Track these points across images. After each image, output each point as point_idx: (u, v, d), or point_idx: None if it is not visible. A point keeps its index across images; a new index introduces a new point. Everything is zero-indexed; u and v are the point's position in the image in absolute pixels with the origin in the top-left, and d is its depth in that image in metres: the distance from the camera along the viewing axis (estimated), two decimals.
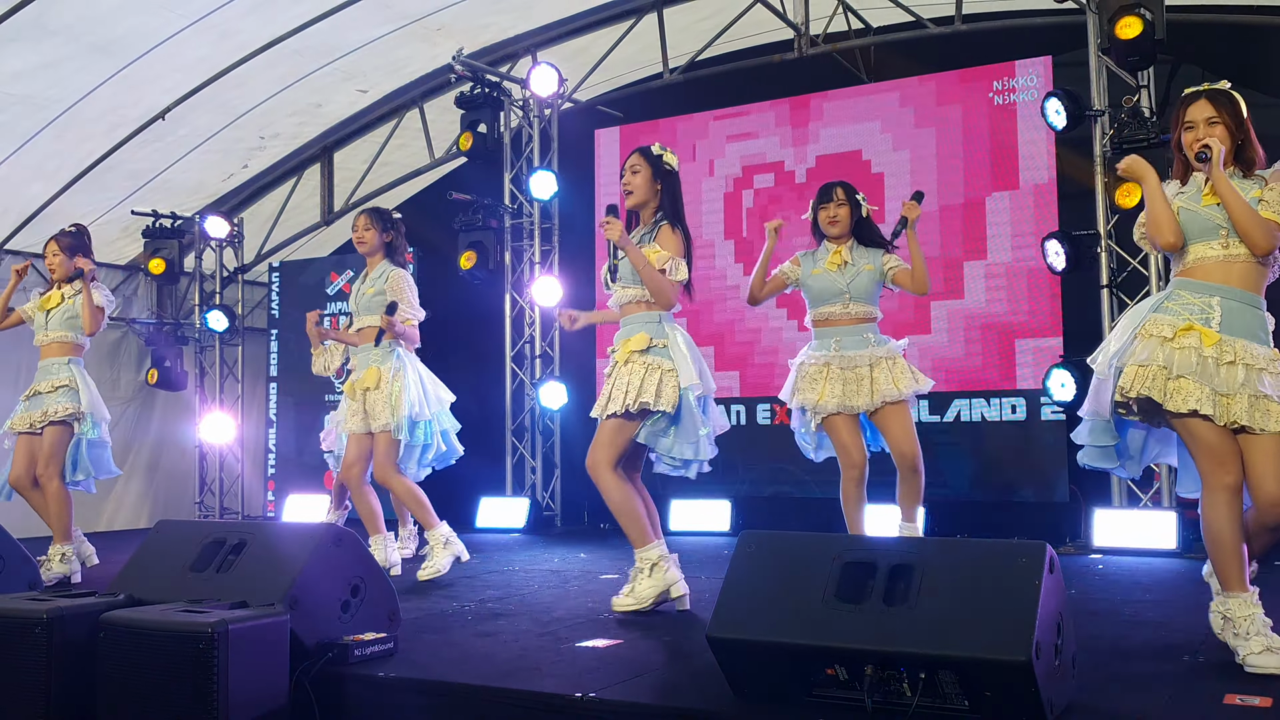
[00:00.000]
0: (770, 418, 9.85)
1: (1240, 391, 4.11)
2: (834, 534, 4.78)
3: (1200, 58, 8.74)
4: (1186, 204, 4.37)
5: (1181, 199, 4.39)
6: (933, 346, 9.10)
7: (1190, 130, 4.39)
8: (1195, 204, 4.35)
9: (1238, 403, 4.11)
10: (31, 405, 7.39)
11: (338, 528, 4.76)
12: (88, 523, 10.77)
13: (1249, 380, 4.12)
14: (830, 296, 6.15)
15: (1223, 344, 4.18)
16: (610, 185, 10.73)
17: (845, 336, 6.12)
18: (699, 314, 10.10)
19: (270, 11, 9.11)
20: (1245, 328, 4.23)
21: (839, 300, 6.12)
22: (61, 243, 7.58)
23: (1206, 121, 4.37)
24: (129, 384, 11.88)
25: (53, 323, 7.49)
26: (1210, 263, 4.30)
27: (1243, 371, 4.13)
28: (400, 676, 4.32)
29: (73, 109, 9.42)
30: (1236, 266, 4.27)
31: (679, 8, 10.18)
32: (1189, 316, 4.25)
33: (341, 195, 11.95)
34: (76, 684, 4.20)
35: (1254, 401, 4.11)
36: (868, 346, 6.09)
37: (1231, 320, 4.23)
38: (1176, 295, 4.34)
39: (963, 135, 9.21)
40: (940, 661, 3.42)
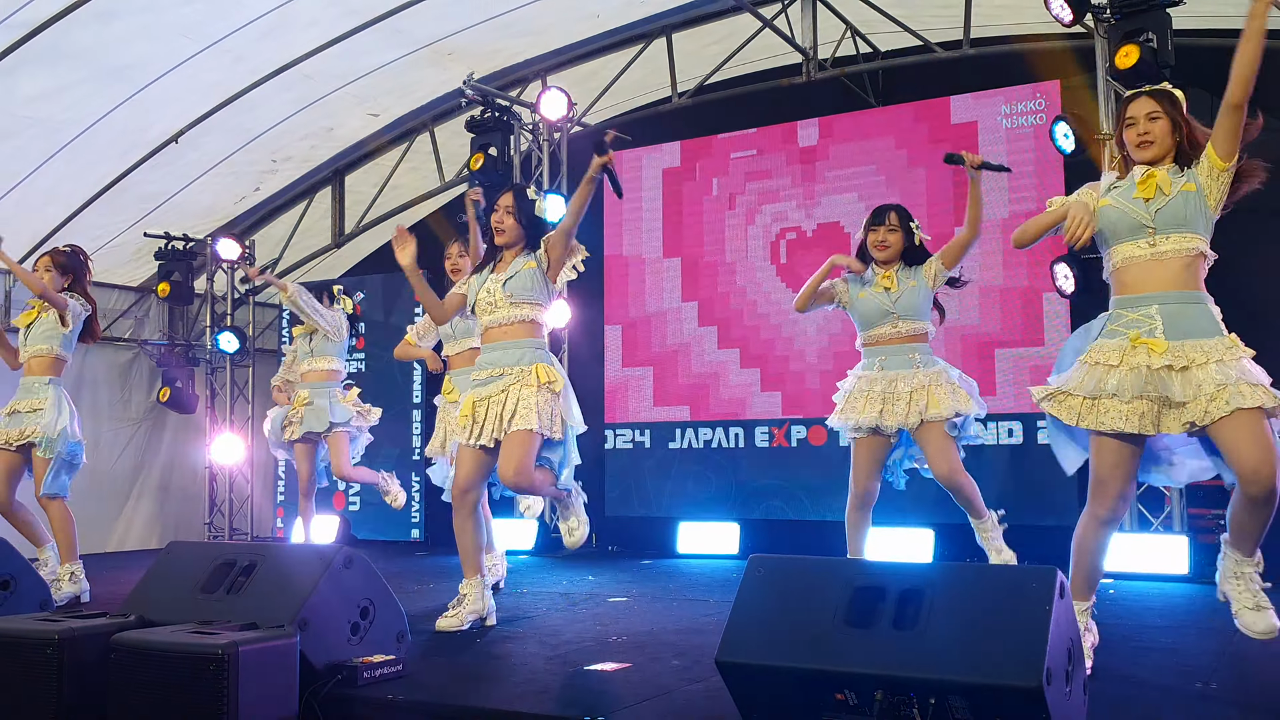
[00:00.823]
0: (769, 440, 9.85)
1: (1198, 394, 4.14)
2: (843, 558, 4.78)
3: (1209, 82, 8.72)
4: (1116, 200, 4.39)
5: (1113, 195, 4.42)
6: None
7: (1132, 126, 4.43)
8: (1126, 200, 4.37)
9: (1196, 405, 4.14)
10: (10, 423, 7.28)
11: (348, 550, 4.76)
12: (98, 543, 10.83)
13: (1207, 379, 4.13)
14: (878, 319, 6.05)
15: (1172, 350, 4.19)
16: (618, 208, 10.77)
17: (891, 356, 6.02)
18: (747, 336, 10.14)
19: (283, 36, 9.17)
20: (1190, 327, 4.24)
21: (887, 321, 6.01)
22: (57, 259, 7.48)
23: (1147, 116, 4.42)
24: (140, 405, 11.92)
25: (32, 337, 7.39)
26: (1139, 264, 4.33)
27: (1199, 373, 4.15)
28: (409, 699, 4.32)
29: (87, 132, 9.47)
30: (1166, 265, 4.30)
31: (688, 32, 10.23)
32: (1132, 333, 4.27)
33: (352, 218, 11.99)
34: (88, 704, 4.22)
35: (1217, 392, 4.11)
36: (912, 367, 5.97)
37: (1174, 324, 4.24)
38: (1117, 316, 4.37)
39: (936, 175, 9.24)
40: (950, 687, 3.41)
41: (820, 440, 9.60)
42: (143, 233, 11.28)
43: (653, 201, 10.63)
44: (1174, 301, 4.27)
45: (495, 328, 5.75)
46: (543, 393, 5.59)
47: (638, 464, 10.42)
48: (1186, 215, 4.30)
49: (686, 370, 10.30)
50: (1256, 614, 4.24)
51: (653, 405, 10.43)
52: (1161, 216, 4.30)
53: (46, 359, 7.38)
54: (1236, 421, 4.07)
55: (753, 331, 10.01)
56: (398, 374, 11.55)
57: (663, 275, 10.50)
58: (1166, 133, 4.39)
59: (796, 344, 9.80)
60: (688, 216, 10.43)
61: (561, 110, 10.29)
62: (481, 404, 5.66)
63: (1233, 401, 4.06)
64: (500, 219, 5.81)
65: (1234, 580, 4.37)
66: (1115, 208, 4.38)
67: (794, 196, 9.92)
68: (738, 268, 10.12)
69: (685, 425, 10.26)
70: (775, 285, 9.95)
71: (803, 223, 9.87)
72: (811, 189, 9.85)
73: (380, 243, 12.78)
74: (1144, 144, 4.40)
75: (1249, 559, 4.34)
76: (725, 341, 10.14)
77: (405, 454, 11.36)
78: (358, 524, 11.53)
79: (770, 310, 9.95)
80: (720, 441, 10.09)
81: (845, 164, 9.74)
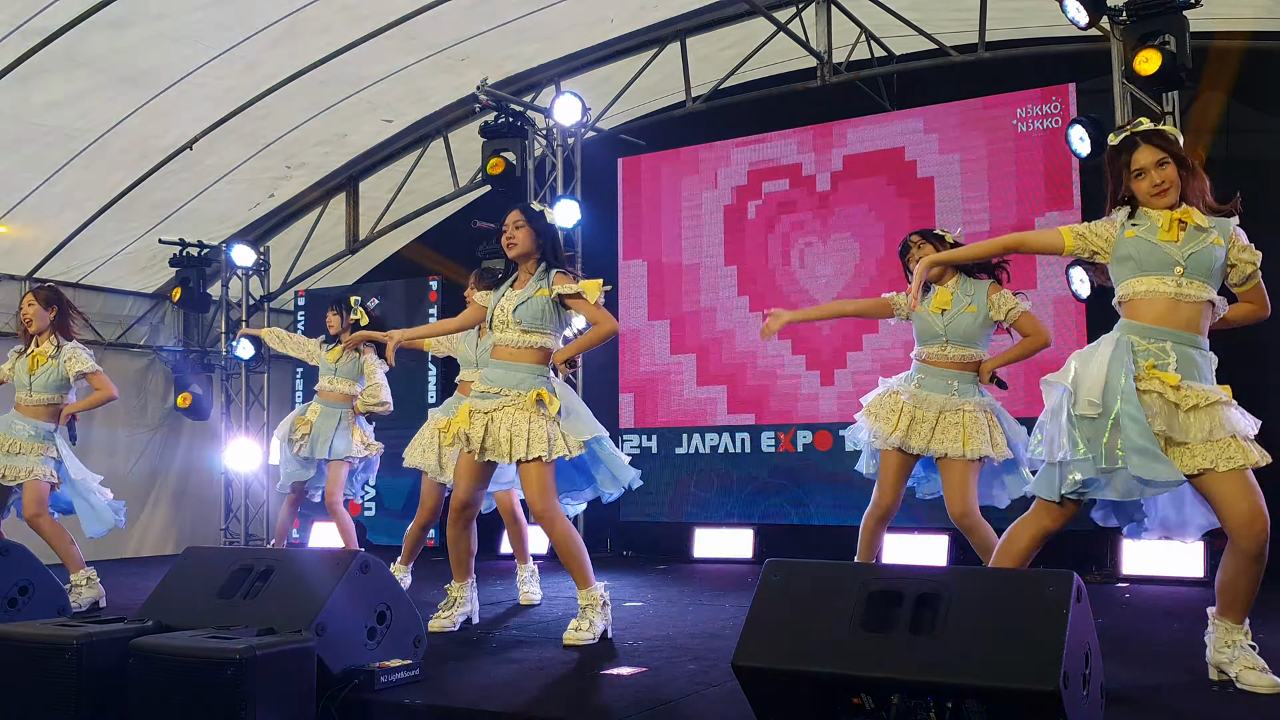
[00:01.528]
0: (775, 445, 9.83)
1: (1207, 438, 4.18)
2: (860, 563, 4.77)
3: (1224, 83, 8.74)
4: (1143, 235, 4.39)
5: (1138, 230, 4.41)
6: None
7: (1143, 177, 4.43)
8: (1152, 236, 4.37)
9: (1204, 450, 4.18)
10: (11, 460, 7.26)
11: (365, 554, 4.77)
12: (115, 549, 10.87)
13: (1215, 424, 4.18)
14: (929, 338, 5.99)
15: (1182, 389, 4.22)
16: (633, 213, 10.78)
17: (930, 378, 5.95)
18: (712, 346, 10.15)
19: (296, 43, 9.19)
20: (1197, 372, 4.29)
21: (936, 342, 5.95)
22: (39, 295, 7.53)
23: (1157, 165, 4.41)
24: (155, 411, 11.96)
25: (37, 384, 7.38)
26: (1161, 299, 4.34)
27: (1207, 416, 4.19)
28: (426, 703, 4.33)
29: (101, 139, 9.52)
30: (1185, 308, 4.32)
31: (702, 37, 10.23)
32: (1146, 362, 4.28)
33: (366, 224, 12.01)
34: (106, 710, 4.23)
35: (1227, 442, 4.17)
36: (947, 393, 5.87)
37: (1184, 366, 4.28)
38: (1132, 343, 4.34)
39: (987, 164, 9.21)
40: (967, 691, 3.41)
41: (833, 446, 9.60)
42: (157, 239, 11.31)
43: (668, 206, 10.63)
44: (1187, 344, 4.31)
45: (502, 347, 5.76)
46: (536, 418, 5.57)
47: (652, 469, 10.41)
48: (1213, 265, 4.34)
49: (710, 373, 10.30)
50: (1260, 674, 4.24)
51: (666, 412, 10.43)
52: (1193, 259, 4.32)
53: (53, 408, 7.44)
54: (1234, 476, 4.14)
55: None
56: (411, 381, 11.56)
57: (676, 280, 10.50)
58: (1177, 175, 4.41)
59: (823, 354, 9.80)
60: (699, 222, 10.43)
61: (575, 115, 10.29)
62: (480, 417, 5.65)
63: (1235, 458, 4.14)
64: (510, 236, 5.82)
65: (1227, 650, 4.35)
66: (1144, 240, 4.38)
67: (806, 185, 9.93)
68: (761, 274, 10.11)
69: (699, 430, 10.25)
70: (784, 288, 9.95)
71: (817, 231, 9.87)
72: (826, 198, 9.86)
73: (395, 248, 12.81)
74: (1161, 193, 4.40)
75: (1239, 626, 4.35)
76: (747, 344, 10.15)
77: None
78: (372, 529, 11.54)
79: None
80: (733, 447, 10.08)
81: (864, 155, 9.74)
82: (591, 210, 10.78)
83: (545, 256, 5.86)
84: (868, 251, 9.62)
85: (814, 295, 9.77)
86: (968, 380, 5.92)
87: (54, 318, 7.50)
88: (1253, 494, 4.13)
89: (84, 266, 11.11)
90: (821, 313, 6.70)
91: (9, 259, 10.50)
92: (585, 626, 5.61)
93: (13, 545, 5.83)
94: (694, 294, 10.42)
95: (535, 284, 5.75)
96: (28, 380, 7.39)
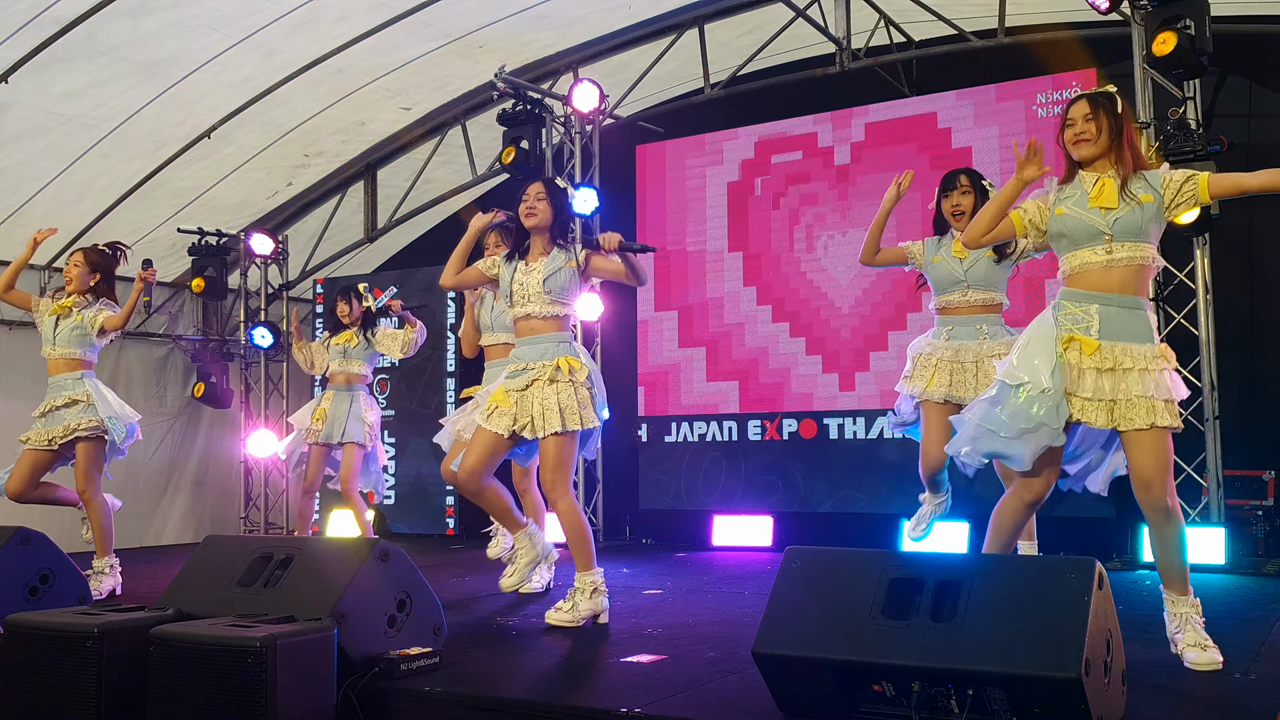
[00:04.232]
0: (794, 432, 9.82)
1: (1113, 398, 4.34)
2: (880, 550, 4.75)
3: (1248, 68, 8.69)
4: (1072, 209, 4.51)
5: (1067, 204, 4.54)
6: None
7: (1070, 127, 4.59)
8: (1081, 208, 4.49)
9: (1115, 410, 4.35)
10: (50, 421, 7.26)
11: (385, 543, 4.77)
12: (135, 538, 10.91)
13: (1125, 385, 4.34)
14: (949, 285, 6.03)
15: (1102, 350, 4.37)
16: (653, 200, 10.76)
17: (958, 326, 5.99)
18: (792, 324, 10.13)
19: (314, 31, 9.19)
20: (1125, 330, 4.41)
21: (957, 288, 5.98)
22: (89, 256, 7.51)
23: (1084, 117, 4.56)
24: (175, 400, 11.99)
25: (60, 337, 7.35)
26: (1093, 269, 4.48)
27: (1116, 379, 4.35)
28: (446, 691, 4.33)
29: (120, 128, 9.53)
30: (1116, 272, 4.45)
31: (720, 23, 10.20)
32: (1071, 327, 4.43)
33: (385, 212, 12.02)
34: (127, 698, 4.25)
35: (1137, 401, 4.31)
36: (978, 338, 5.93)
37: (1109, 326, 4.41)
38: (1061, 307, 4.52)
39: (1007, 149, 9.17)
40: (989, 678, 3.40)
41: (859, 433, 9.59)
42: (176, 228, 11.33)
43: (686, 192, 10.61)
44: (1115, 304, 4.43)
45: (524, 320, 5.77)
46: (564, 386, 5.61)
47: (671, 457, 10.41)
48: (1142, 225, 4.45)
49: (724, 362, 10.29)
50: (1200, 651, 4.37)
51: (684, 401, 10.42)
52: (1119, 225, 4.44)
53: (76, 360, 7.39)
54: (1146, 435, 4.31)
55: (796, 320, 9.98)
56: (429, 368, 11.58)
57: (699, 266, 10.48)
58: (1102, 131, 4.52)
59: (828, 346, 9.77)
60: (720, 209, 10.41)
61: (593, 102, 10.27)
62: (513, 395, 5.68)
63: (1148, 416, 4.29)
64: (531, 205, 5.82)
65: (1173, 622, 4.50)
66: (1072, 215, 4.51)
67: (827, 177, 9.89)
68: (781, 260, 10.08)
69: (719, 418, 10.25)
70: (817, 276, 9.92)
71: (837, 212, 9.84)
72: (846, 170, 9.82)
73: (413, 236, 12.82)
74: (1080, 142, 4.55)
75: (1183, 597, 4.46)
76: (765, 331, 10.12)
77: (437, 447, 11.35)
78: (392, 517, 11.57)
79: (799, 306, 9.92)
80: (751, 435, 10.06)
81: (884, 144, 9.70)
82: (610, 197, 10.76)
83: (556, 233, 5.88)
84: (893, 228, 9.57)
85: (837, 279, 9.75)
86: (995, 322, 5.99)
87: (94, 284, 7.48)
88: (1160, 456, 4.31)
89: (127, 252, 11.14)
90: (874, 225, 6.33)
91: None
92: (568, 607, 5.65)
93: (33, 533, 5.84)
94: (716, 282, 10.39)
95: (559, 256, 5.79)
96: (52, 334, 7.38)
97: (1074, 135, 4.55)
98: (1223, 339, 8.10)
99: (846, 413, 9.65)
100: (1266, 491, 8.22)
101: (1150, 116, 8.18)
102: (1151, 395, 4.32)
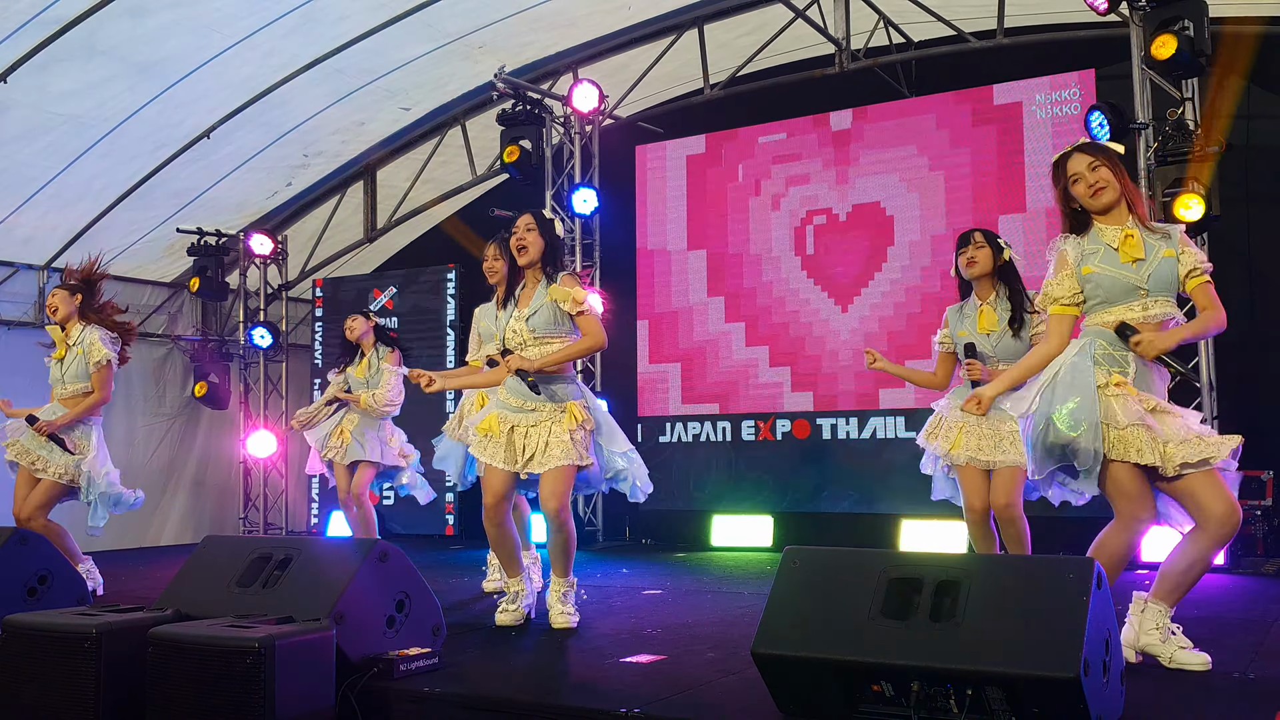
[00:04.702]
0: (755, 434, 9.81)
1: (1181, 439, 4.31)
2: (879, 550, 4.76)
3: (1246, 69, 8.68)
4: (1101, 267, 4.43)
5: (1094, 261, 4.45)
6: None
7: (1078, 181, 4.51)
8: (1112, 265, 4.42)
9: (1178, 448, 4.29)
10: (38, 445, 7.18)
11: (384, 543, 4.77)
12: (134, 539, 10.90)
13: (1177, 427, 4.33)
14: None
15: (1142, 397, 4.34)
16: (651, 201, 10.75)
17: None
18: (776, 333, 10.13)
19: (313, 31, 9.19)
20: (1149, 386, 4.40)
21: (987, 362, 5.98)
22: (65, 283, 7.46)
23: (1089, 168, 4.49)
24: (174, 400, 11.98)
25: (69, 375, 7.30)
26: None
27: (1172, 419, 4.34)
28: (445, 691, 4.33)
29: (119, 128, 9.52)
30: (1149, 328, 4.38)
31: (720, 24, 10.20)
32: (1110, 368, 4.37)
33: (384, 212, 12.01)
34: (125, 698, 4.24)
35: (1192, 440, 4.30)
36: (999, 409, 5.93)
37: (1140, 379, 4.38)
38: (1098, 345, 4.42)
39: (1005, 149, 9.16)
40: (987, 678, 3.40)
41: (854, 434, 9.59)
42: (175, 228, 11.33)
43: (683, 195, 10.61)
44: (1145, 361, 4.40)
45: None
46: (576, 431, 5.65)
47: (670, 458, 10.41)
48: (1173, 280, 4.44)
49: (715, 367, 10.28)
50: (1193, 653, 4.42)
51: (681, 401, 10.42)
52: (1153, 280, 4.41)
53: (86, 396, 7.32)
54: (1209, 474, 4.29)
55: (781, 328, 9.97)
56: (429, 368, 11.55)
57: (691, 269, 10.48)
58: (1112, 176, 4.48)
59: (828, 344, 9.77)
60: (719, 210, 10.41)
61: (593, 103, 10.28)
62: (516, 431, 5.69)
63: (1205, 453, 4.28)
64: (521, 238, 5.76)
65: (1156, 633, 4.48)
66: (1105, 274, 4.44)
67: (826, 179, 9.89)
68: (780, 262, 10.07)
69: (718, 419, 10.24)
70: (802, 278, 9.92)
71: (835, 205, 9.83)
72: (845, 171, 9.81)
73: (413, 236, 12.82)
74: (1098, 192, 4.48)
75: (1171, 610, 4.50)
76: (753, 339, 10.11)
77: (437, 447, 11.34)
78: (391, 518, 11.56)
79: (799, 306, 9.91)
80: (751, 435, 10.06)
81: (882, 145, 9.70)
82: (609, 198, 10.77)
83: (547, 264, 5.83)
84: (886, 234, 9.59)
85: (836, 278, 9.75)
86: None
87: (79, 305, 7.42)
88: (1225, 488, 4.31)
89: (102, 255, 11.10)
90: (901, 372, 6.54)
91: (27, 248, 10.52)
92: (573, 610, 5.83)
93: (31, 534, 5.84)
94: (720, 282, 10.38)
95: (542, 293, 5.75)
96: (60, 373, 7.34)
97: (1088, 188, 4.47)
98: (1222, 340, 8.09)
99: (846, 413, 9.65)
100: (1265, 491, 8.22)
101: (1149, 117, 8.17)
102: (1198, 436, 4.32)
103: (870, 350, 6.18)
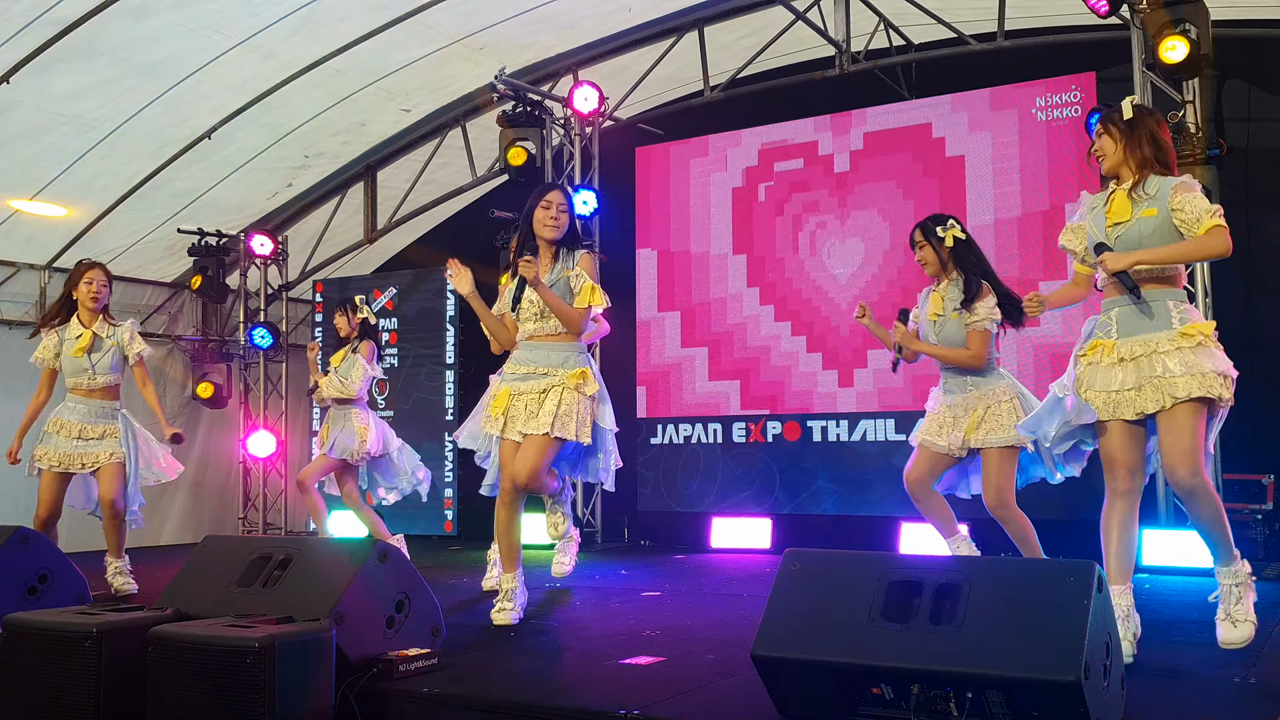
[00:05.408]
0: (792, 436, 9.81)
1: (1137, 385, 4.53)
2: (879, 553, 4.76)
3: (1247, 72, 8.69)
4: (1090, 226, 4.80)
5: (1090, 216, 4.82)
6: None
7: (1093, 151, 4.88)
8: (1097, 225, 4.75)
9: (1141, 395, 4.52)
10: (83, 447, 7.26)
11: (383, 543, 4.78)
12: (134, 538, 10.83)
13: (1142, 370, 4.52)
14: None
15: (1119, 347, 4.61)
16: (653, 203, 10.76)
17: (949, 378, 6.07)
18: (792, 325, 10.13)
19: (314, 32, 9.20)
20: (1141, 324, 4.59)
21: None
22: (107, 272, 7.53)
23: (1096, 135, 4.85)
24: (174, 400, 11.98)
25: (101, 365, 7.36)
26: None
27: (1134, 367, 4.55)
28: (444, 692, 4.33)
29: (120, 129, 9.53)
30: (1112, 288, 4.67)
31: (720, 25, 10.21)
32: (1099, 334, 4.70)
33: (385, 213, 12.02)
34: (126, 697, 4.24)
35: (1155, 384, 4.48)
36: (965, 390, 5.97)
37: (1125, 324, 4.63)
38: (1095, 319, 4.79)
39: (1007, 152, 9.17)
40: (987, 681, 3.40)
41: (856, 436, 9.59)
42: (176, 229, 11.34)
43: (684, 197, 10.61)
44: (1130, 303, 4.61)
45: (539, 334, 5.87)
46: (579, 397, 5.73)
47: (670, 459, 10.41)
48: (1142, 239, 4.59)
49: (715, 367, 10.29)
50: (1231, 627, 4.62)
51: (689, 396, 10.42)
52: (1121, 243, 4.63)
53: (116, 387, 7.48)
54: (1169, 415, 4.49)
55: (781, 328, 9.98)
56: (429, 369, 11.58)
57: (703, 268, 10.48)
58: (1114, 148, 4.74)
59: (828, 343, 9.78)
60: (719, 212, 10.41)
61: (593, 104, 10.29)
62: (519, 399, 5.77)
63: (1166, 393, 4.46)
64: (557, 215, 5.90)
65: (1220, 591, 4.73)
66: (1088, 232, 4.80)
67: (826, 183, 9.89)
68: (783, 264, 10.08)
69: (718, 420, 10.24)
70: (803, 278, 9.92)
71: (834, 208, 9.84)
72: (845, 175, 9.81)
73: (413, 238, 12.82)
74: (1096, 160, 4.85)
75: (1226, 568, 4.67)
76: (753, 339, 10.12)
77: (438, 447, 11.37)
78: (390, 519, 11.54)
79: (800, 306, 9.92)
80: (750, 437, 10.06)
81: (882, 148, 9.70)
82: (610, 199, 10.78)
83: (567, 241, 6.00)
84: (884, 238, 9.59)
85: (836, 280, 9.75)
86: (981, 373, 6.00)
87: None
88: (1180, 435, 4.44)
89: (103, 255, 11.05)
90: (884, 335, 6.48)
91: (28, 247, 10.53)
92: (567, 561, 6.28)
93: (32, 533, 5.84)
94: (720, 284, 10.38)
95: (561, 266, 5.90)
96: (89, 363, 7.36)
97: (1091, 155, 4.84)
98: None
99: (847, 415, 9.65)
100: (1266, 495, 8.22)
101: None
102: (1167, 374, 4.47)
103: (863, 304, 6.32)
